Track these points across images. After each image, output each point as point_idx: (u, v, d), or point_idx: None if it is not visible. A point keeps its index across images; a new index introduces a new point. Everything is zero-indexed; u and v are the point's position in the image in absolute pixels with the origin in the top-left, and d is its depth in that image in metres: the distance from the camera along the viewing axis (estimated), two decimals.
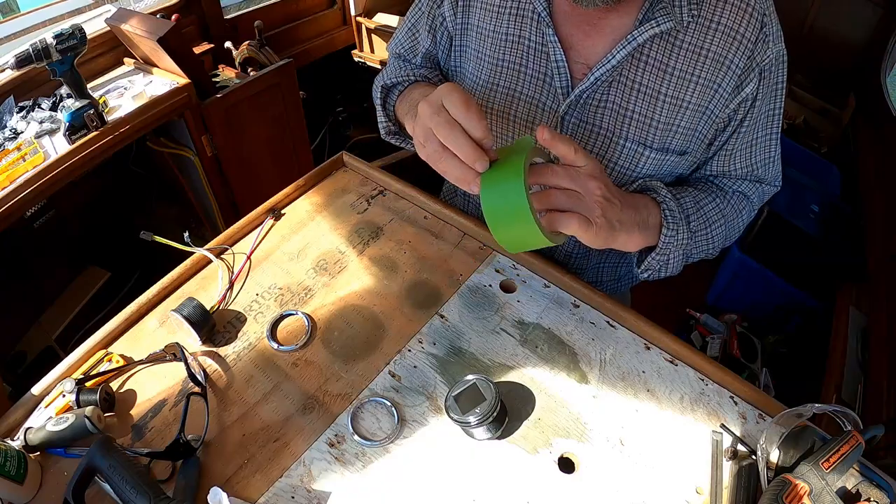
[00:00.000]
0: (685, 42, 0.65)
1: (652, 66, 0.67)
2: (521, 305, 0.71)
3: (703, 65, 0.66)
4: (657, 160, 0.72)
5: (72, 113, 1.38)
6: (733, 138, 0.72)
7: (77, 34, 1.31)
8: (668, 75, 0.67)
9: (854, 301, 1.52)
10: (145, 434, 0.60)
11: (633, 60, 0.67)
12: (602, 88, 0.69)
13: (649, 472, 0.57)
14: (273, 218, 0.84)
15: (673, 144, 0.71)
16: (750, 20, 0.64)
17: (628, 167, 0.73)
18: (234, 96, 1.77)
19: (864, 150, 1.89)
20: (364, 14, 2.32)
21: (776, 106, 0.73)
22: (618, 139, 0.71)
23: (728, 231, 0.76)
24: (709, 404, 0.62)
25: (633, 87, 0.68)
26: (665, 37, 0.66)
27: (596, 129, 0.72)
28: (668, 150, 0.71)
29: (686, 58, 0.66)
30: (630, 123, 0.70)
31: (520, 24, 0.72)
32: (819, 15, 2.04)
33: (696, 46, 0.65)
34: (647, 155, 0.71)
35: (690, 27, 0.65)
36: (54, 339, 1.72)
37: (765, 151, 0.76)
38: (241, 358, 0.67)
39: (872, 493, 0.52)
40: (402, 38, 0.88)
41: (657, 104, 0.68)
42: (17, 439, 0.57)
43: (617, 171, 0.74)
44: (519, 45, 0.73)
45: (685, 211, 0.70)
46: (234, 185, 1.92)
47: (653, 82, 0.67)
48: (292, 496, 0.55)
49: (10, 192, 1.28)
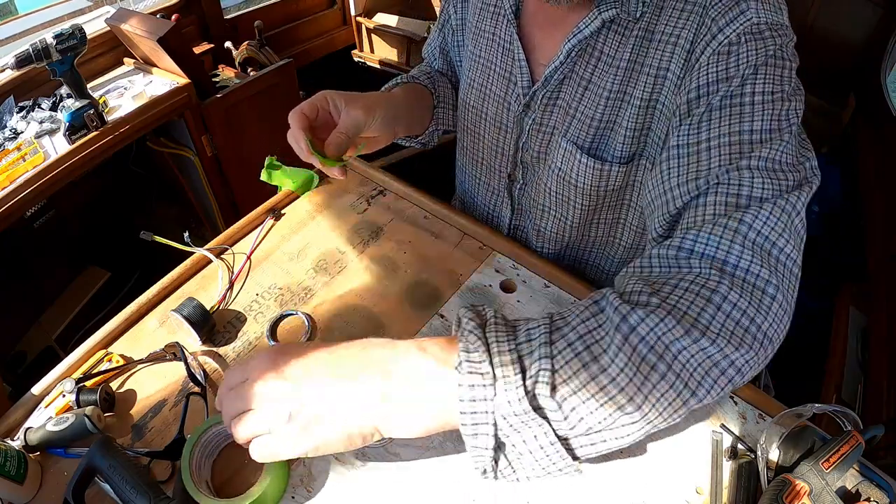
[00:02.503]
0: (637, 29, 0.59)
1: (603, 61, 0.62)
2: (521, 305, 0.71)
3: (652, 51, 0.58)
4: (593, 168, 0.66)
5: (72, 113, 1.38)
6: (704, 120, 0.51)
7: (77, 34, 1.31)
8: (614, 68, 0.61)
9: (854, 301, 1.52)
10: (145, 434, 0.60)
11: (585, 56, 0.63)
12: (554, 87, 0.67)
13: (649, 472, 0.56)
14: (273, 218, 0.84)
15: (613, 149, 0.65)
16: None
17: (566, 171, 0.69)
18: (234, 96, 1.77)
19: (864, 150, 1.89)
20: (364, 14, 2.32)
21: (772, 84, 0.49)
22: (559, 138, 0.68)
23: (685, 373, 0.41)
24: (709, 404, 0.62)
25: (583, 84, 0.64)
26: (615, 28, 0.60)
27: (544, 127, 0.70)
28: (605, 158, 0.65)
29: (634, 46, 0.59)
30: (572, 122, 0.67)
31: (495, 22, 0.72)
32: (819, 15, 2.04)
33: (646, 31, 0.59)
34: (579, 159, 0.66)
35: (645, 16, 0.58)
36: (54, 339, 1.72)
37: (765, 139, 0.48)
38: (240, 358, 0.67)
39: (872, 493, 0.52)
40: (429, 40, 0.92)
41: (600, 101, 0.63)
42: (17, 439, 0.57)
43: (558, 175, 0.71)
44: (493, 43, 0.73)
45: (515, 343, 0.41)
46: (234, 185, 1.92)
47: (601, 78, 0.63)
48: (292, 496, 0.55)
49: (10, 192, 1.28)
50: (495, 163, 0.81)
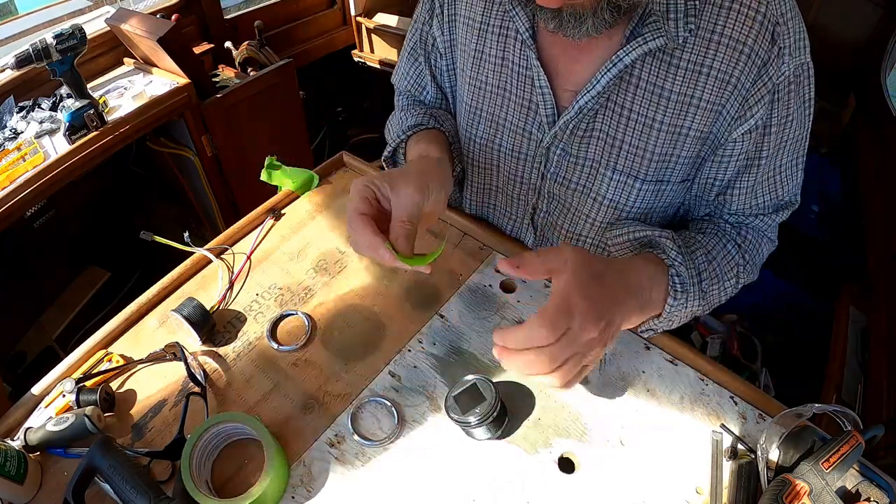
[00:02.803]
0: (683, 60, 0.57)
1: (644, 89, 0.59)
2: (521, 305, 0.71)
3: (703, 84, 0.57)
4: (651, 191, 0.65)
5: (72, 113, 1.38)
6: (750, 173, 0.63)
7: (77, 34, 1.31)
8: (663, 99, 0.58)
9: (854, 301, 1.52)
10: (145, 434, 0.60)
11: (623, 84, 0.60)
12: (588, 117, 0.63)
13: (649, 472, 0.57)
14: (273, 218, 0.84)
15: (671, 175, 0.64)
16: (760, 31, 0.54)
17: (618, 200, 0.66)
18: (234, 96, 1.77)
19: (864, 150, 1.89)
20: (364, 14, 2.32)
21: (802, 127, 0.62)
22: (605, 170, 0.65)
23: (748, 277, 0.68)
24: (709, 404, 0.62)
25: (623, 113, 0.61)
26: (658, 55, 0.57)
27: (581, 160, 0.66)
28: (665, 181, 0.64)
29: (684, 78, 0.57)
30: (619, 154, 0.63)
31: (503, 45, 0.66)
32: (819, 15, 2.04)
33: (695, 64, 0.56)
34: (639, 187, 0.64)
35: (689, 42, 0.55)
36: (54, 339, 1.72)
37: (790, 178, 0.66)
38: (241, 358, 0.67)
39: (872, 493, 0.52)
40: (404, 70, 0.82)
41: (651, 132, 0.60)
42: (17, 439, 0.57)
43: (605, 205, 0.68)
44: (503, 68, 0.67)
45: (697, 271, 0.61)
46: (234, 185, 1.93)
47: (645, 108, 0.59)
48: (292, 496, 0.55)
49: (10, 192, 1.29)
50: (514, 192, 0.76)
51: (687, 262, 0.60)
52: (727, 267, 0.64)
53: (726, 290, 0.65)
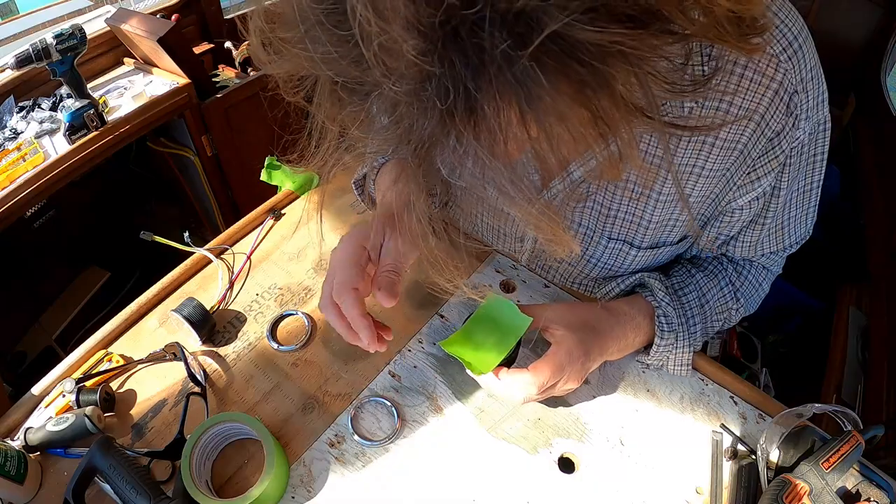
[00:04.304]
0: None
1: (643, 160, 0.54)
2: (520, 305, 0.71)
3: (707, 154, 0.52)
4: (648, 255, 0.63)
5: (72, 113, 1.38)
6: (754, 229, 0.61)
7: (77, 34, 1.31)
8: (662, 171, 0.55)
9: (854, 301, 1.52)
10: (145, 434, 0.60)
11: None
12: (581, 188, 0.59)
13: (649, 471, 0.57)
14: (273, 218, 0.84)
15: (670, 238, 0.62)
16: (773, 100, 0.48)
17: (613, 264, 0.65)
18: (234, 96, 1.77)
19: (864, 150, 1.89)
20: None
21: (814, 178, 0.58)
22: (599, 238, 0.63)
23: (744, 313, 0.68)
24: (709, 404, 0.62)
25: (619, 185, 0.57)
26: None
27: (574, 226, 0.63)
28: (662, 244, 0.62)
29: (686, 148, 0.52)
30: (613, 223, 0.61)
31: None
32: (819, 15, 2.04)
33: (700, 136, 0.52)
34: (634, 253, 0.63)
35: (694, 112, 0.50)
36: (54, 339, 1.72)
37: (800, 227, 0.63)
38: (241, 358, 0.67)
39: (872, 493, 0.52)
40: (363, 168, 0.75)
41: (649, 202, 0.57)
42: (17, 439, 0.57)
43: (600, 268, 0.66)
44: None
45: (685, 313, 0.61)
46: (234, 185, 1.92)
47: (642, 178, 0.56)
48: (292, 496, 0.55)
49: (10, 192, 1.28)
50: (499, 244, 0.75)
51: (675, 303, 0.62)
52: (720, 309, 0.65)
53: (715, 327, 0.66)
